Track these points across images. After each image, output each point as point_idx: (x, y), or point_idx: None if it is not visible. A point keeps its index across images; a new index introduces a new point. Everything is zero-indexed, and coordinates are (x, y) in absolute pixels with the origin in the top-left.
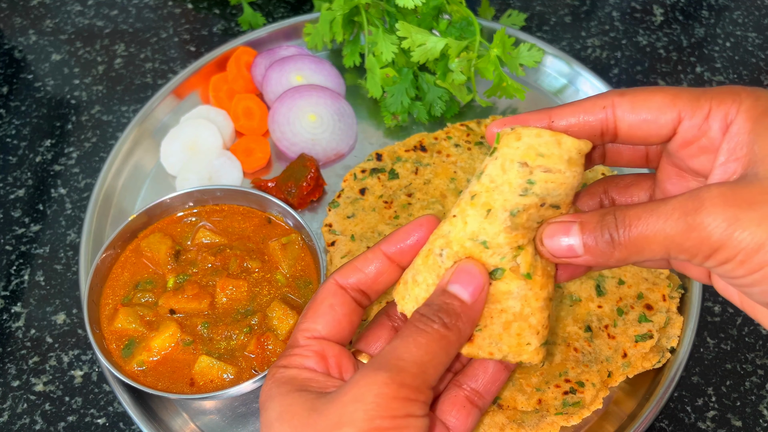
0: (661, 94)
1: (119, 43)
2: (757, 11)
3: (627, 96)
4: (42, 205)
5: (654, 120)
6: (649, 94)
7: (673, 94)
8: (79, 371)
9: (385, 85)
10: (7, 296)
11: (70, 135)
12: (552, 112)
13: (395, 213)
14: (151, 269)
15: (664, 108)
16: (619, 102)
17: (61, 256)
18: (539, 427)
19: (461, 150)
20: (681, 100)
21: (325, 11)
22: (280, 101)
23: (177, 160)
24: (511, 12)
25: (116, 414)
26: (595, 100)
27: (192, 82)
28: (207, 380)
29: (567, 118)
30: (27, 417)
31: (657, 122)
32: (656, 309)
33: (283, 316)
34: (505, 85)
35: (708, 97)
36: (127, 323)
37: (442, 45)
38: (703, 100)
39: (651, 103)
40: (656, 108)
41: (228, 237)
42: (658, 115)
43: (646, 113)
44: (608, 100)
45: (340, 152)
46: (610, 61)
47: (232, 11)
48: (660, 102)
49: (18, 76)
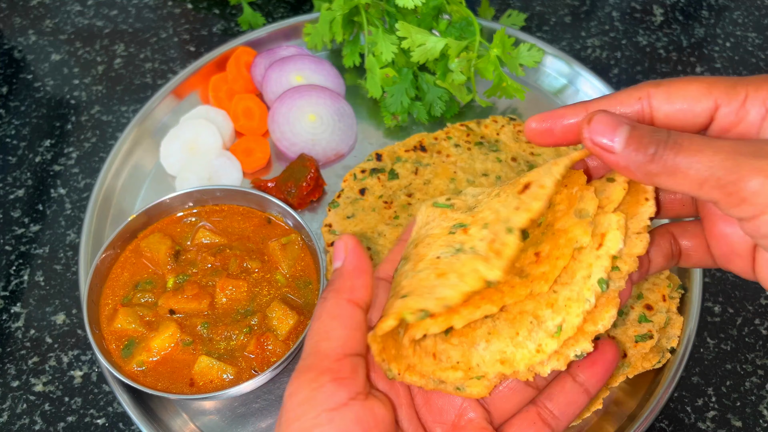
0: (696, 83)
1: (119, 43)
2: (757, 11)
3: (662, 87)
4: (42, 206)
5: (690, 109)
6: (685, 83)
7: (709, 83)
8: (79, 371)
9: (385, 85)
10: (7, 296)
11: (70, 135)
12: (588, 105)
13: (395, 213)
14: (151, 269)
15: (700, 96)
16: (654, 93)
17: (61, 256)
18: None
19: (461, 150)
20: (717, 88)
21: (324, 11)
22: (280, 101)
23: (177, 161)
24: (510, 12)
25: (116, 414)
26: (630, 92)
27: (192, 82)
28: (207, 380)
29: None
30: (27, 417)
31: (693, 111)
32: (656, 309)
33: (283, 317)
34: (504, 85)
35: (744, 84)
36: (126, 323)
37: (441, 45)
38: (739, 87)
39: (686, 92)
40: (692, 97)
41: (228, 237)
42: (693, 104)
43: (682, 102)
44: (644, 91)
45: (339, 152)
46: (610, 62)
47: (231, 11)
48: (695, 91)
49: (18, 76)
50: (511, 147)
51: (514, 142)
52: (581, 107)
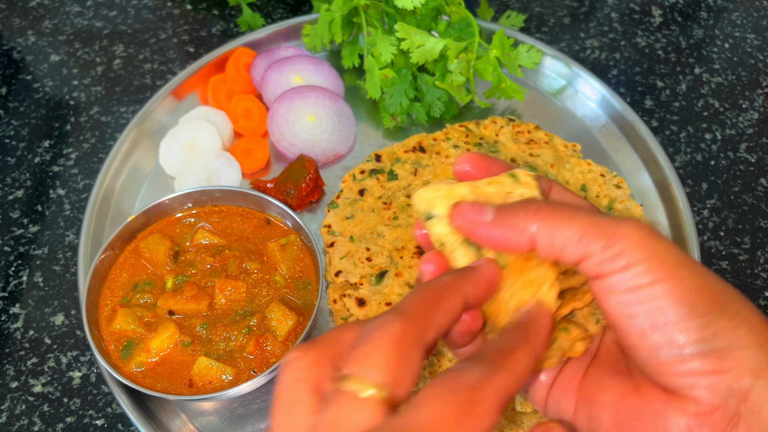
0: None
1: (118, 44)
2: (755, 12)
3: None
4: (40, 206)
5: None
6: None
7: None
8: (78, 372)
9: (384, 86)
10: (6, 297)
11: (69, 136)
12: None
13: (394, 214)
14: (150, 270)
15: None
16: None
17: (60, 257)
18: None
19: (460, 151)
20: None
21: (324, 12)
22: (279, 102)
23: (176, 161)
24: (510, 13)
25: (115, 415)
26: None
27: (191, 83)
28: (206, 381)
29: None
30: (25, 418)
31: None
32: None
33: (282, 317)
34: (504, 86)
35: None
36: (125, 324)
37: (441, 46)
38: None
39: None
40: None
41: (227, 238)
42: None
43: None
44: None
45: (339, 153)
46: (609, 63)
47: (231, 12)
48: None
49: (17, 77)
50: (510, 148)
51: (513, 143)
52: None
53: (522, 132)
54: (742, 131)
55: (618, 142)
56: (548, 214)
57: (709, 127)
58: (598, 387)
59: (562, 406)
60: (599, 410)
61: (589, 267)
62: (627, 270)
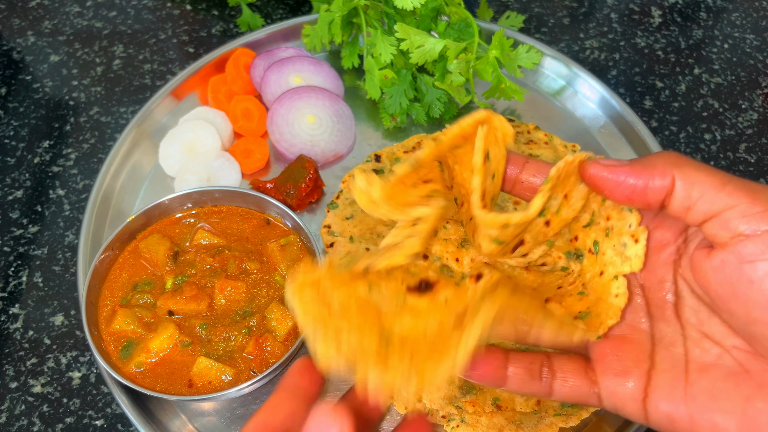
0: (718, 177)
1: (118, 45)
2: (755, 13)
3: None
4: (40, 207)
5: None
6: (705, 175)
7: (723, 181)
8: (78, 373)
9: (384, 86)
10: (5, 297)
11: (69, 136)
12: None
13: None
14: (150, 270)
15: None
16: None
17: (60, 257)
18: (538, 428)
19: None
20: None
21: (323, 12)
22: (279, 103)
23: (175, 162)
24: (509, 13)
25: (114, 415)
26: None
27: (191, 83)
28: (205, 381)
29: None
30: (25, 418)
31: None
32: None
33: (282, 318)
34: (503, 87)
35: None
36: (125, 324)
37: (440, 46)
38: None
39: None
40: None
41: (226, 238)
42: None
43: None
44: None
45: (338, 153)
46: (609, 63)
47: (230, 12)
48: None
49: (16, 77)
50: (510, 148)
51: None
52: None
53: (521, 132)
54: (742, 132)
55: (617, 143)
56: (686, 160)
57: (709, 127)
58: (713, 394)
59: (675, 419)
60: (724, 418)
61: (722, 225)
62: None
